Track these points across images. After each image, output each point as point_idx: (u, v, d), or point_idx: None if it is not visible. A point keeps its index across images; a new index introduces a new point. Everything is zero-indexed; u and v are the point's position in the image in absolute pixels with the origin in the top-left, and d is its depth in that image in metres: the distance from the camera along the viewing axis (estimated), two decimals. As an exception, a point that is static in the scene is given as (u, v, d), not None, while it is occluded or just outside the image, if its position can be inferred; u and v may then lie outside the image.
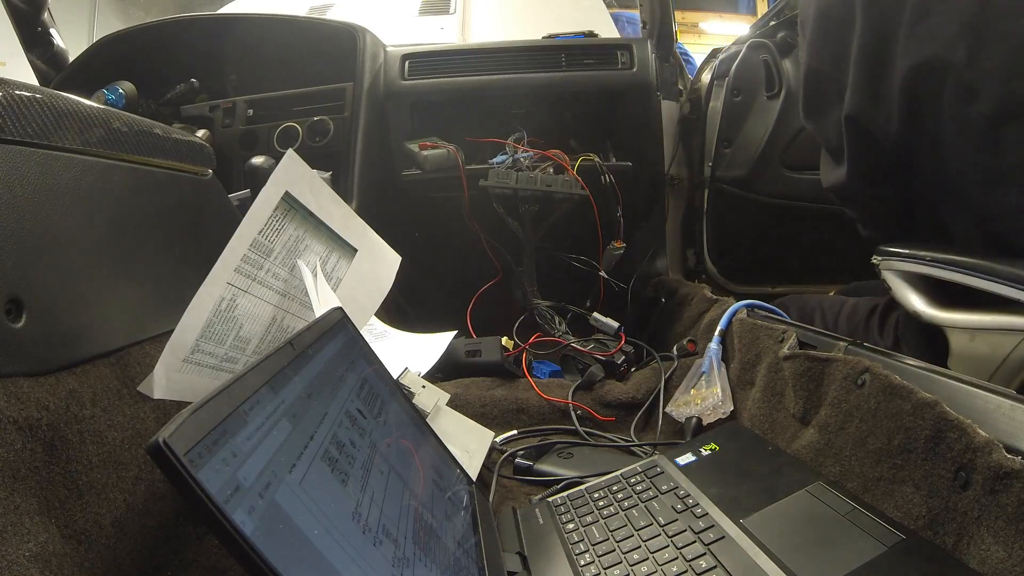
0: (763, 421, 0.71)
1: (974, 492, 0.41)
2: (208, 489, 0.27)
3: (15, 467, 0.41)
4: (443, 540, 0.48)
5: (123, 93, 1.27)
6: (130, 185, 0.62)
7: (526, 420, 0.91)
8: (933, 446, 0.45)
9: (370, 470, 0.43)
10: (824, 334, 0.69)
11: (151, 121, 0.66)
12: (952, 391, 0.48)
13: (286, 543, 0.30)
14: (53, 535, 0.42)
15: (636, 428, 0.87)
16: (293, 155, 0.62)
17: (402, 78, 1.35)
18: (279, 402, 0.37)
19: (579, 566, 0.51)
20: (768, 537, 0.47)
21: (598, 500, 0.60)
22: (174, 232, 0.68)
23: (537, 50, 1.37)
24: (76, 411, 0.48)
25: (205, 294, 0.53)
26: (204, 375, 0.55)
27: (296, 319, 0.66)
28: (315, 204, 0.66)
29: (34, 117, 0.49)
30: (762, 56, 1.35)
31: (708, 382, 0.83)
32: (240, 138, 1.32)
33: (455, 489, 0.58)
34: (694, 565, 0.47)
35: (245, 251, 0.57)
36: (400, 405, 0.58)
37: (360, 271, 0.76)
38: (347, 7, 2.06)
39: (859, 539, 0.45)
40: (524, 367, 1.02)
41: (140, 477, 0.53)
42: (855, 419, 0.55)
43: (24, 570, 0.38)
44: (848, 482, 0.53)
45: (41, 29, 1.39)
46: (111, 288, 0.58)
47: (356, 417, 0.47)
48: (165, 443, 0.26)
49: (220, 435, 0.30)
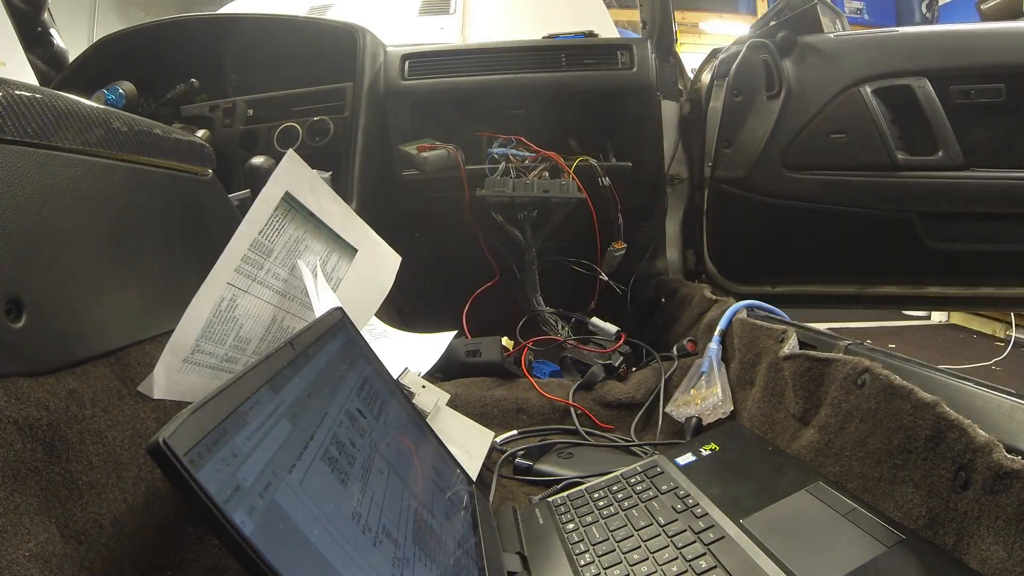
0: (763, 421, 0.71)
1: (974, 492, 0.41)
2: (208, 489, 0.27)
3: (15, 467, 0.41)
4: (443, 540, 0.48)
5: (123, 93, 1.27)
6: (130, 185, 0.62)
7: (526, 420, 0.91)
8: (933, 446, 0.45)
9: (370, 470, 0.43)
10: (824, 334, 0.69)
11: (151, 121, 0.66)
12: (952, 391, 0.48)
13: (286, 543, 0.30)
14: (53, 535, 0.42)
15: (636, 428, 0.87)
16: (293, 155, 0.62)
17: (402, 78, 1.35)
18: (279, 402, 0.37)
19: (579, 566, 0.51)
20: (768, 537, 0.47)
21: (598, 500, 0.60)
22: (174, 232, 0.68)
23: (537, 50, 1.37)
24: (76, 411, 0.48)
25: (205, 294, 0.53)
26: (204, 375, 0.55)
27: (296, 319, 0.66)
28: (315, 204, 0.66)
29: (34, 117, 0.49)
30: (762, 56, 1.35)
31: (708, 382, 0.83)
32: (240, 138, 1.32)
33: (455, 489, 0.58)
34: (694, 565, 0.47)
35: (245, 251, 0.57)
36: (400, 405, 0.58)
37: (360, 272, 0.76)
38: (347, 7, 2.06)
39: (859, 539, 0.45)
40: (524, 367, 1.02)
41: (140, 477, 0.53)
42: (855, 419, 0.55)
43: (24, 570, 0.38)
44: (848, 482, 0.53)
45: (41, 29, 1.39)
46: (111, 288, 0.58)
47: (356, 417, 0.47)
48: (165, 443, 0.26)
49: (220, 435, 0.30)
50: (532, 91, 1.34)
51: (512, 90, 1.34)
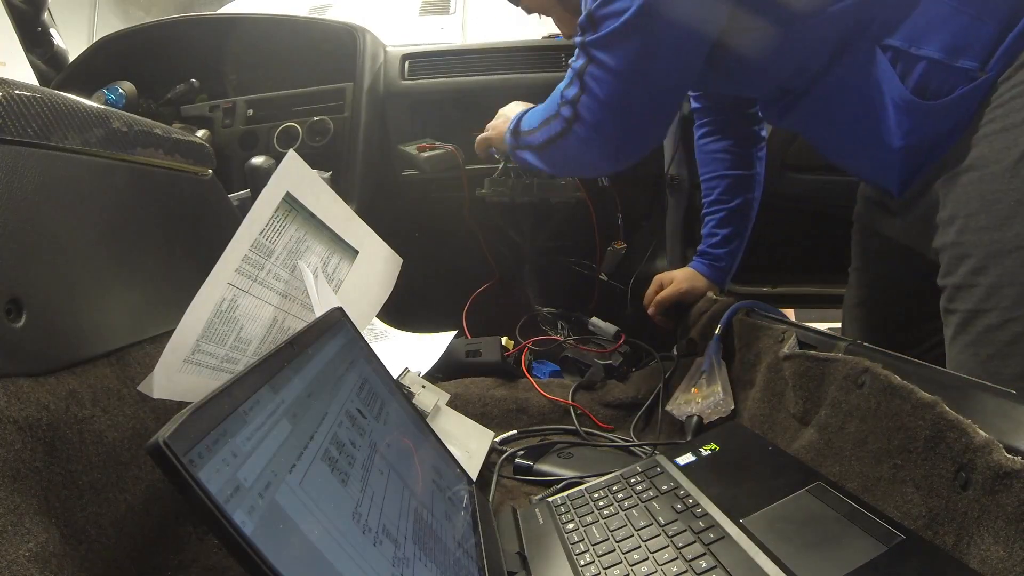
0: (763, 421, 0.71)
1: (974, 492, 0.41)
2: (208, 489, 0.27)
3: (15, 467, 0.41)
4: (443, 540, 0.48)
5: (123, 93, 1.27)
6: (130, 185, 0.62)
7: (526, 420, 0.91)
8: (933, 446, 0.45)
9: (370, 470, 0.43)
10: (824, 334, 0.69)
11: (151, 121, 0.66)
12: (952, 391, 0.48)
13: (286, 543, 0.30)
14: (53, 535, 0.42)
15: (636, 428, 0.87)
16: (294, 155, 0.62)
17: (402, 78, 1.35)
18: (279, 402, 0.37)
19: (579, 566, 0.51)
20: (768, 537, 0.47)
21: (598, 500, 0.60)
22: (174, 232, 0.68)
23: (537, 50, 1.37)
24: (76, 411, 0.48)
25: (206, 294, 0.53)
26: (204, 375, 0.55)
27: (297, 320, 0.66)
28: (316, 205, 0.66)
29: (34, 117, 0.49)
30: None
31: (709, 380, 0.83)
32: (240, 138, 1.32)
33: (455, 489, 0.58)
34: (694, 565, 0.47)
35: (246, 252, 0.57)
36: (400, 405, 0.58)
37: (362, 273, 0.76)
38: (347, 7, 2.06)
39: (859, 539, 0.45)
40: (524, 367, 1.02)
41: (140, 477, 0.53)
42: (855, 419, 0.55)
43: (24, 570, 0.38)
44: (848, 482, 0.53)
45: (41, 29, 1.39)
46: (111, 288, 0.58)
47: (356, 417, 0.47)
48: (165, 443, 0.26)
49: (220, 435, 0.30)
50: (532, 91, 1.33)
51: (512, 90, 1.33)
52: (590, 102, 0.78)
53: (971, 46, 0.65)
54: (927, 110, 0.68)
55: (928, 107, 0.68)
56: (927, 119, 0.69)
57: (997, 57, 0.64)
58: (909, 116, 0.70)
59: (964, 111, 0.67)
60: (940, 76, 0.67)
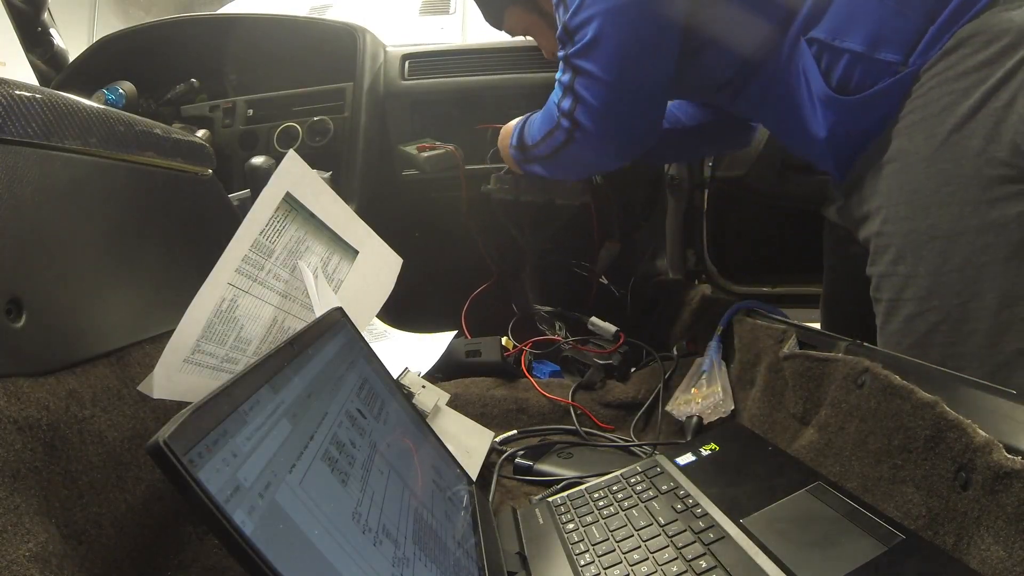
0: (763, 421, 0.71)
1: (974, 492, 0.41)
2: (208, 489, 0.27)
3: (15, 467, 0.41)
4: (443, 540, 0.48)
5: (123, 93, 1.27)
6: (130, 185, 0.62)
7: (526, 420, 0.91)
8: (933, 446, 0.45)
9: (370, 470, 0.43)
10: (824, 334, 0.69)
11: (151, 121, 0.66)
12: (952, 391, 0.48)
13: (286, 543, 0.30)
14: (53, 535, 0.42)
15: (636, 428, 0.87)
16: (294, 155, 0.62)
17: (402, 78, 1.35)
18: (279, 402, 0.37)
19: (579, 566, 0.51)
20: (768, 537, 0.47)
21: (598, 500, 0.60)
22: (174, 232, 0.68)
23: (537, 50, 1.37)
24: (76, 411, 0.48)
25: (206, 294, 0.53)
26: (204, 375, 0.55)
27: (297, 320, 0.66)
28: (316, 205, 0.66)
29: (34, 117, 0.49)
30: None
31: (709, 381, 0.83)
32: (240, 138, 1.32)
33: (455, 489, 0.58)
34: (694, 565, 0.47)
35: (246, 252, 0.57)
36: (400, 405, 0.58)
37: (362, 274, 0.76)
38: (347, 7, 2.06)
39: (859, 539, 0.45)
40: (524, 367, 1.02)
41: (140, 477, 0.53)
42: (855, 419, 0.55)
43: (24, 570, 0.38)
44: (848, 482, 0.53)
45: (41, 29, 1.39)
46: (111, 288, 0.58)
47: (356, 417, 0.47)
48: (165, 443, 0.26)
49: (220, 435, 0.30)
50: (532, 91, 1.34)
51: (512, 90, 1.34)
52: (586, 110, 0.80)
53: (893, 38, 0.65)
54: (848, 105, 0.69)
55: (849, 102, 0.69)
56: (849, 113, 0.69)
57: (920, 51, 0.64)
58: (831, 110, 0.70)
59: (887, 104, 0.67)
60: (863, 69, 0.67)
